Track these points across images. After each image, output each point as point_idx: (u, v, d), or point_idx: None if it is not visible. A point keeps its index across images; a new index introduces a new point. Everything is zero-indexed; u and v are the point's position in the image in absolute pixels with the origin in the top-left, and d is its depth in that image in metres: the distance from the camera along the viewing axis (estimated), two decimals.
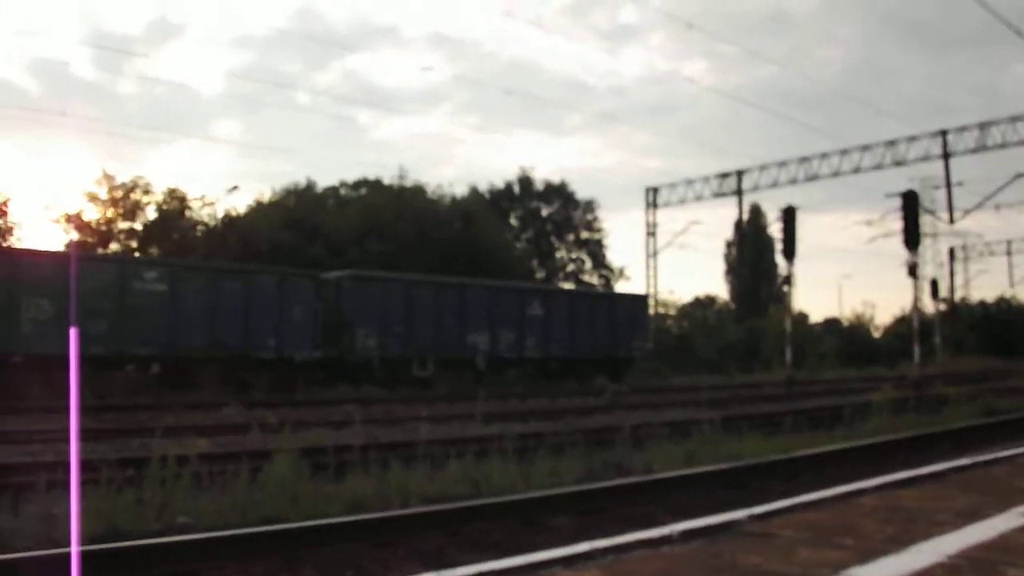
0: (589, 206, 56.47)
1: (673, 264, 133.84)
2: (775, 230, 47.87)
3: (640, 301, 38.13)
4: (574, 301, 33.79)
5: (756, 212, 61.84)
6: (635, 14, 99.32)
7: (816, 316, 63.54)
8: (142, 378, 22.79)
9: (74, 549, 3.76)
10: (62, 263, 21.74)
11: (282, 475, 8.53)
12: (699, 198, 45.88)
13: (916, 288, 24.96)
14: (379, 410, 18.74)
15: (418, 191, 47.02)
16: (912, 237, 21.72)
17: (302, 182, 46.90)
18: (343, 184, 48.75)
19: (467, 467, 9.62)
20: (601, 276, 56.12)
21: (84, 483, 7.55)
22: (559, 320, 31.68)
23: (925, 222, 39.37)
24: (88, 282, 21.47)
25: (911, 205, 21.51)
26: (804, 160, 41.82)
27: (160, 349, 22.64)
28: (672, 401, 21.83)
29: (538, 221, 55.76)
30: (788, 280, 37.94)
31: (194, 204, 45.09)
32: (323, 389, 24.94)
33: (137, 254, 40.23)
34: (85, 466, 8.32)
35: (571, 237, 56.30)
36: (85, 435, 12.01)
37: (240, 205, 45.96)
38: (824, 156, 41.13)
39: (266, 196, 46.48)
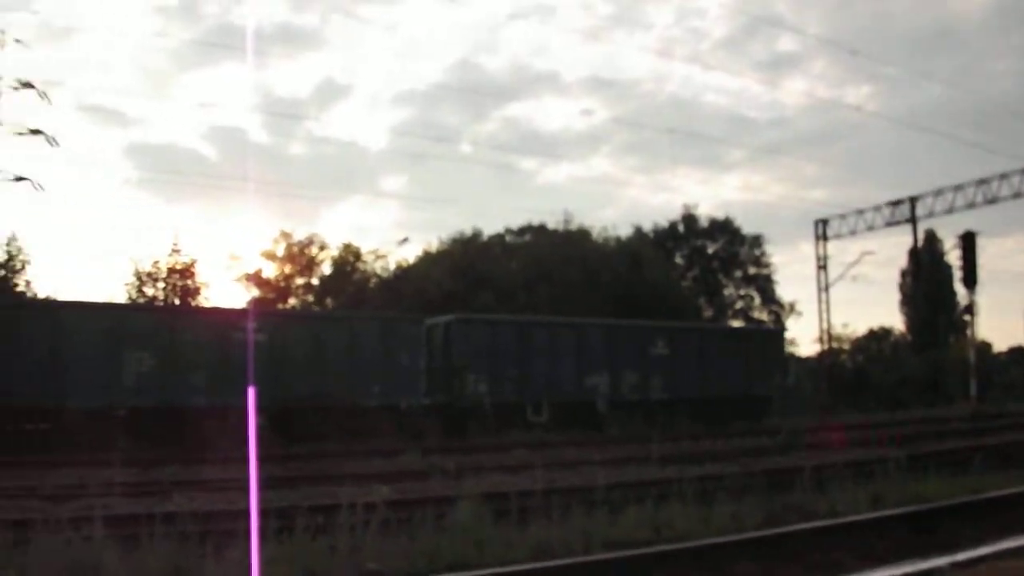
0: (756, 241, 55.47)
1: (846, 296, 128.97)
2: (953, 257, 45.66)
3: (775, 336, 36.62)
4: (703, 339, 31.87)
5: (931, 239, 59.36)
6: (794, 42, 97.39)
7: (1000, 345, 60.29)
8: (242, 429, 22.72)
9: None
10: (162, 317, 23.01)
11: (466, 521, 8.64)
12: (871, 228, 44.19)
13: None
14: (551, 454, 18.77)
15: (583, 234, 47.28)
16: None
17: (468, 231, 47.87)
18: (508, 231, 49.51)
19: (647, 511, 9.52)
20: (771, 312, 54.91)
21: (280, 530, 7.93)
22: (687, 359, 29.99)
23: None
24: (191, 334, 22.44)
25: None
26: (982, 182, 39.74)
27: (264, 399, 22.36)
28: (851, 438, 21.03)
29: (704, 259, 55.12)
30: (969, 309, 36.27)
31: (367, 257, 46.64)
32: (495, 434, 24.87)
33: (315, 307, 41.71)
34: (279, 514, 8.73)
35: (738, 274, 55.37)
36: (274, 483, 12.54)
37: (410, 256, 47.22)
38: (1004, 176, 39.04)
39: (434, 246, 47.58)
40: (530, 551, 8.02)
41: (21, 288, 37.88)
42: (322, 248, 46.21)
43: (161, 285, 39.15)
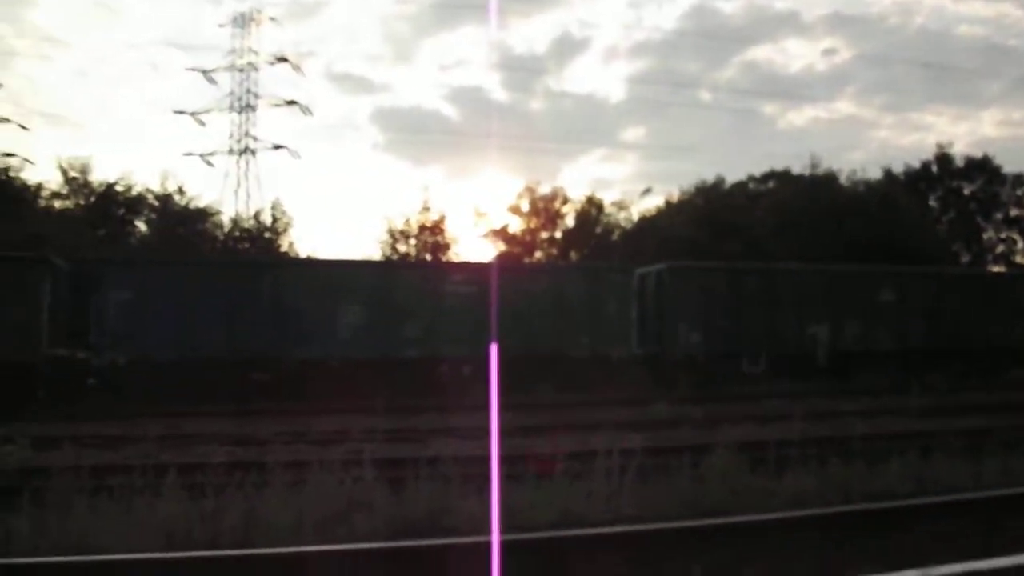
0: (1018, 180, 51.35)
1: None
2: None
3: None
4: (938, 284, 28.90)
5: None
6: None
7: None
8: (458, 379, 22.54)
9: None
10: (376, 272, 23.77)
11: (722, 468, 8.58)
12: None
13: None
14: (804, 405, 18.24)
15: (831, 179, 45.44)
16: None
17: (710, 179, 47.08)
18: (751, 178, 48.35)
19: (910, 464, 9.12)
20: None
21: (541, 475, 8.15)
22: (918, 306, 27.65)
23: None
24: (404, 287, 23.07)
25: None
26: None
27: (471, 350, 22.41)
28: None
29: (960, 201, 51.62)
30: None
31: (609, 209, 46.71)
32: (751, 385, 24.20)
33: (559, 260, 42.24)
34: (536, 460, 8.97)
35: (999, 216, 51.53)
36: (523, 431, 12.86)
37: (652, 207, 46.96)
38: None
39: (676, 196, 47.13)
40: (787, 500, 7.89)
41: (284, 249, 40.62)
42: (565, 202, 46.71)
43: (412, 242, 40.92)
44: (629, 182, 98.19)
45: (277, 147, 49.59)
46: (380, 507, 7.34)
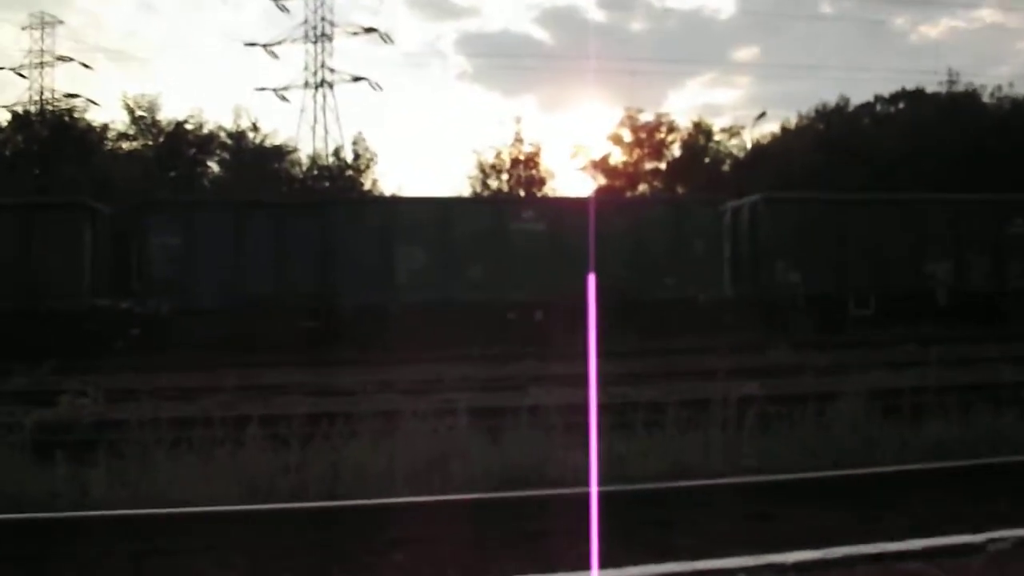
0: None
1: None
2: None
3: None
4: None
5: None
6: None
7: None
8: (528, 325, 22.32)
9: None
10: (434, 210, 23.32)
11: (851, 417, 8.44)
12: None
13: None
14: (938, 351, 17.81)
15: (971, 97, 43.90)
16: None
17: (832, 101, 45.96)
18: (879, 99, 46.99)
19: None
20: None
21: (651, 424, 8.16)
22: None
23: None
24: (467, 226, 22.81)
25: None
26: None
27: (541, 293, 22.17)
28: None
29: None
30: None
31: (719, 136, 46.11)
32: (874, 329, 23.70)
33: (663, 192, 41.93)
34: (653, 408, 8.96)
35: None
36: (630, 378, 12.88)
37: (767, 134, 46.13)
38: None
39: (794, 121, 46.26)
40: (926, 451, 7.74)
41: (367, 187, 41.11)
42: (671, 130, 46.23)
43: (505, 177, 41.02)
44: (741, 107, 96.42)
45: (356, 79, 49.88)
46: (477, 457, 7.43)
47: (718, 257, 24.53)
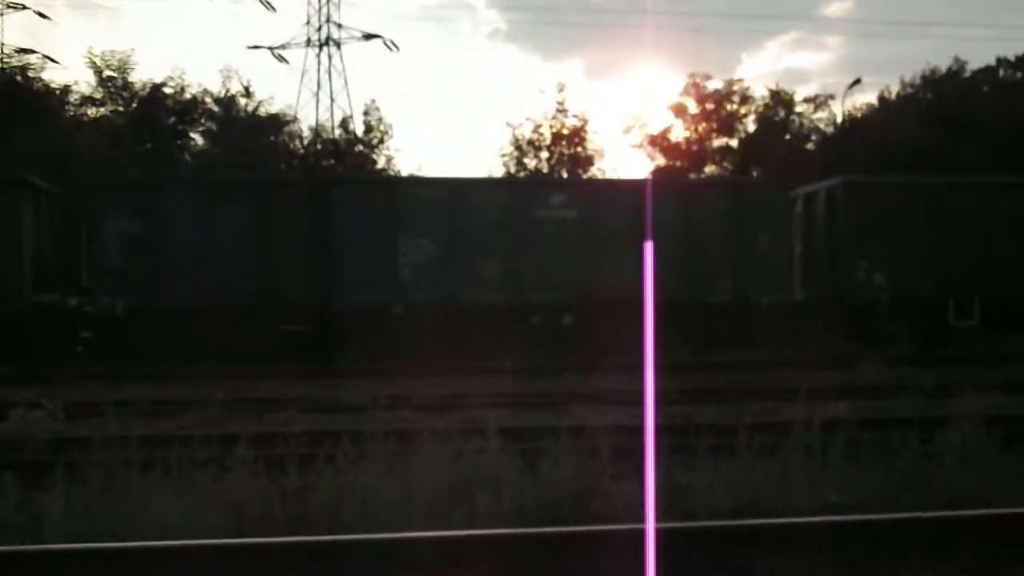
0: None
1: None
2: None
3: None
4: None
5: None
6: None
7: None
8: (555, 331, 22.27)
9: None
10: (445, 193, 22.82)
11: (963, 448, 8.42)
12: None
13: None
14: None
15: None
16: None
17: (943, 66, 45.72)
18: (1003, 62, 46.64)
19: None
20: None
21: (718, 450, 8.19)
22: None
23: None
24: (483, 212, 22.39)
25: None
26: None
27: (571, 295, 22.23)
28: None
29: None
30: None
31: (803, 108, 45.99)
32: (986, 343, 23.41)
33: (736, 176, 41.94)
34: (720, 431, 8.98)
35: None
36: (695, 395, 12.90)
37: (862, 104, 45.97)
38: None
39: (895, 89, 46.05)
40: None
41: (381, 165, 41.20)
42: (744, 100, 46.10)
43: (545, 155, 41.00)
44: (830, 73, 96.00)
45: (368, 36, 50.02)
46: (508, 486, 7.47)
47: (786, 253, 24.18)
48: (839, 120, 44.53)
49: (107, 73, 40.37)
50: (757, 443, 8.27)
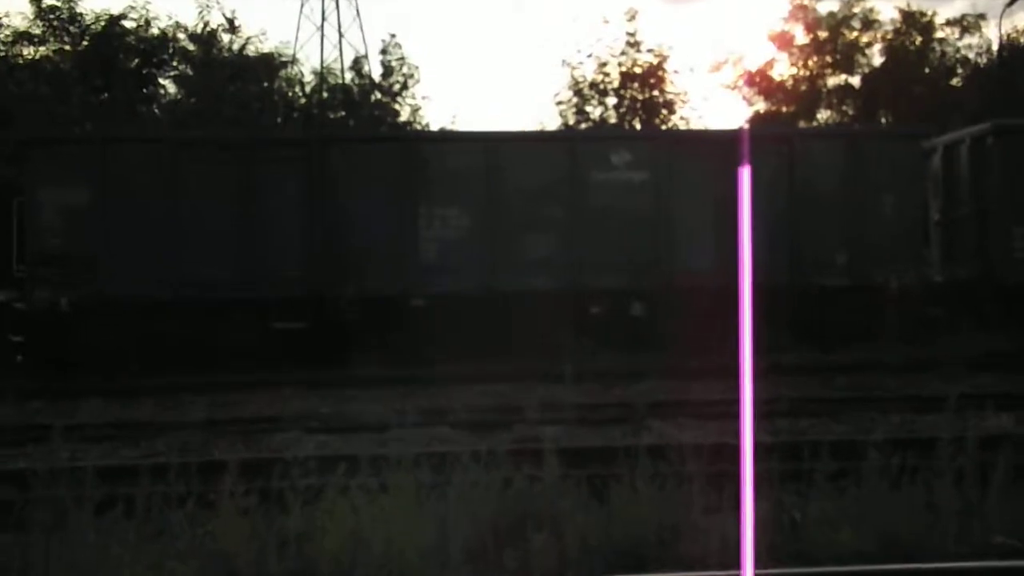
0: None
1: None
2: None
3: None
4: None
5: None
6: None
7: None
8: (622, 324, 22.01)
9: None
10: (481, 151, 22.31)
11: None
12: None
13: None
14: None
15: None
16: None
17: None
18: None
19: None
20: None
21: (841, 476, 8.15)
22: None
23: None
24: (526, 175, 21.98)
25: None
26: None
27: (641, 279, 22.15)
28: None
29: None
30: None
31: (945, 32, 45.70)
32: None
33: (859, 121, 41.73)
34: (844, 450, 8.93)
35: None
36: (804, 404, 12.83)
37: None
38: None
39: None
40: None
41: (404, 117, 41.16)
42: (868, 25, 45.85)
43: (612, 100, 40.84)
44: None
45: None
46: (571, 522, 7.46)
47: (920, 221, 23.81)
48: (994, 47, 44.21)
49: (48, 2, 40.36)
50: (893, 466, 8.23)
